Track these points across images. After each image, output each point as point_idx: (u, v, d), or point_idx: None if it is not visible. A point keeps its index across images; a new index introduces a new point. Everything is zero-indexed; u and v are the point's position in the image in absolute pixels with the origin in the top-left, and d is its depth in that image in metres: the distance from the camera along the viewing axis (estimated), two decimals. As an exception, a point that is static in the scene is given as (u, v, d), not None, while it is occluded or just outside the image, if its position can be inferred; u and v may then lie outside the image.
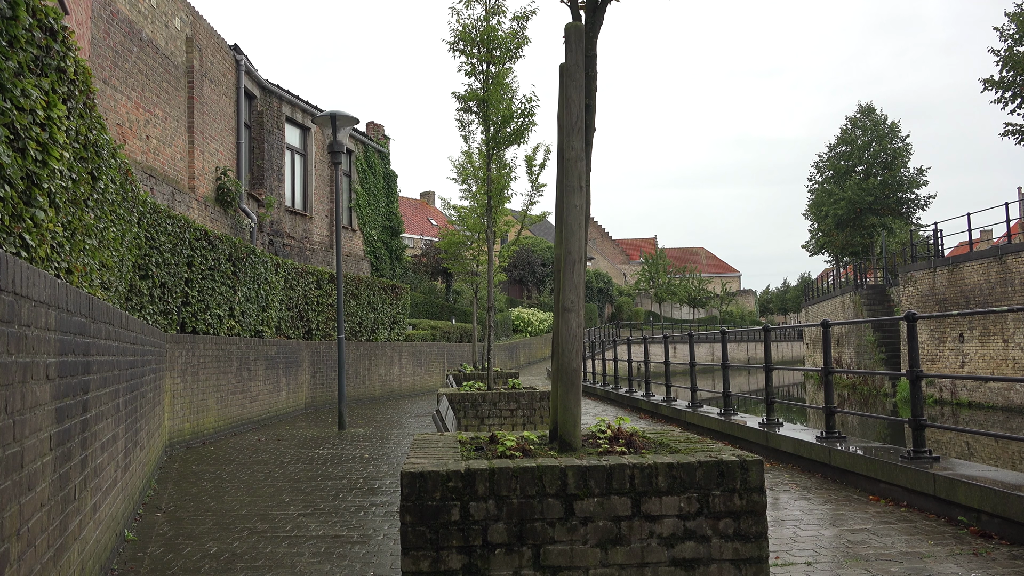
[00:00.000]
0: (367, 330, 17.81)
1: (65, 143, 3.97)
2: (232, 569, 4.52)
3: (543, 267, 43.77)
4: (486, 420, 9.95)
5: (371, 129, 25.79)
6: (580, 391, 3.82)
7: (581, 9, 4.65)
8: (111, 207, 5.90)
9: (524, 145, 10.75)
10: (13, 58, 3.18)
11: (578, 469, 3.25)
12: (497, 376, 13.90)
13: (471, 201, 14.08)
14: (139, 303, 8.15)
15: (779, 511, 5.93)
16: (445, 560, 3.17)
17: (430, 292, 33.33)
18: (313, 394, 15.40)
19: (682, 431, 4.48)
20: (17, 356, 2.57)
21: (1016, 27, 26.07)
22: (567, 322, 3.81)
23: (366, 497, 6.46)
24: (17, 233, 3.22)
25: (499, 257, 17.82)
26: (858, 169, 42.64)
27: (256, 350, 12.19)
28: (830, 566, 4.45)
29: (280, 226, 18.89)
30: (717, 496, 3.29)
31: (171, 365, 9.02)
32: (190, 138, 14.28)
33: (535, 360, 36.86)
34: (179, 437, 9.37)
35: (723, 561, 3.27)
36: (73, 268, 4.35)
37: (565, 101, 3.87)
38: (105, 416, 4.38)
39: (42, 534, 2.89)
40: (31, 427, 2.75)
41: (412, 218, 47.51)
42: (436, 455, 3.58)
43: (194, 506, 6.25)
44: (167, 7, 13.51)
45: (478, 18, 9.94)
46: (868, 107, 43.00)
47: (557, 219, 3.92)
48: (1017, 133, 26.96)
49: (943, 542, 4.89)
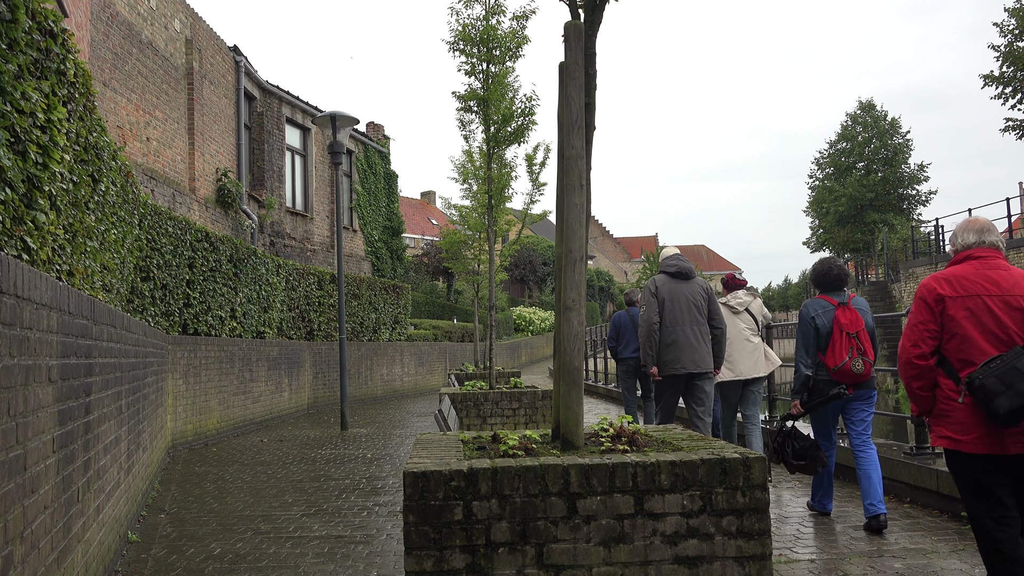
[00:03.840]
0: (369, 330, 17.82)
1: (66, 146, 3.98)
2: (236, 570, 4.52)
3: (544, 266, 43.77)
4: (488, 419, 9.95)
5: (371, 129, 25.79)
6: (582, 390, 3.82)
7: (580, 8, 4.65)
8: (112, 209, 5.90)
9: (525, 144, 10.71)
10: (13, 61, 3.18)
11: (581, 468, 3.25)
12: (499, 375, 13.90)
13: (472, 200, 14.08)
14: (141, 305, 8.15)
15: (782, 508, 5.93)
16: (448, 559, 3.17)
17: (431, 292, 33.34)
18: (315, 395, 15.41)
19: (684, 429, 4.48)
20: (19, 359, 2.57)
21: (1016, 22, 26.04)
22: (569, 321, 3.81)
23: (369, 497, 6.47)
24: (18, 236, 3.23)
25: (500, 256, 17.82)
26: (859, 165, 42.61)
27: (258, 351, 12.20)
28: (834, 563, 4.45)
29: (281, 227, 18.90)
30: (720, 494, 3.29)
31: (173, 367, 9.03)
32: (190, 140, 14.28)
33: (537, 359, 36.87)
34: (182, 438, 9.37)
35: (726, 559, 3.27)
36: (74, 270, 4.35)
37: (565, 100, 3.87)
38: (108, 418, 4.39)
39: (46, 536, 2.89)
40: (34, 429, 2.75)
41: (413, 218, 47.52)
42: (439, 455, 3.58)
43: (197, 507, 6.26)
44: (166, 9, 13.52)
45: (478, 18, 9.93)
46: (868, 103, 42.97)
47: (558, 218, 3.92)
48: (1018, 129, 26.93)
49: (946, 538, 4.89)
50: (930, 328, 3.38)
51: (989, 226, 3.49)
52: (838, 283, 5.36)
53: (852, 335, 5.11)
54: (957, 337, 3.32)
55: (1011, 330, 3.25)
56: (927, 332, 3.38)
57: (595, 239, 79.77)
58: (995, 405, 3.10)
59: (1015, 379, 3.08)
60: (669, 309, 6.14)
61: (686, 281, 6.25)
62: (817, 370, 5.25)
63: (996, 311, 3.28)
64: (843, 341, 5.11)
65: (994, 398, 3.10)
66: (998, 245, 3.45)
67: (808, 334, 5.27)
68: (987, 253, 3.42)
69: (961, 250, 3.50)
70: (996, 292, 3.30)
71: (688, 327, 6.08)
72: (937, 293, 3.37)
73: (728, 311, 6.74)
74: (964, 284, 3.35)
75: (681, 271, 6.27)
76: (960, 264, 3.45)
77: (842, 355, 5.09)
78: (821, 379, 5.23)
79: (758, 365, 6.66)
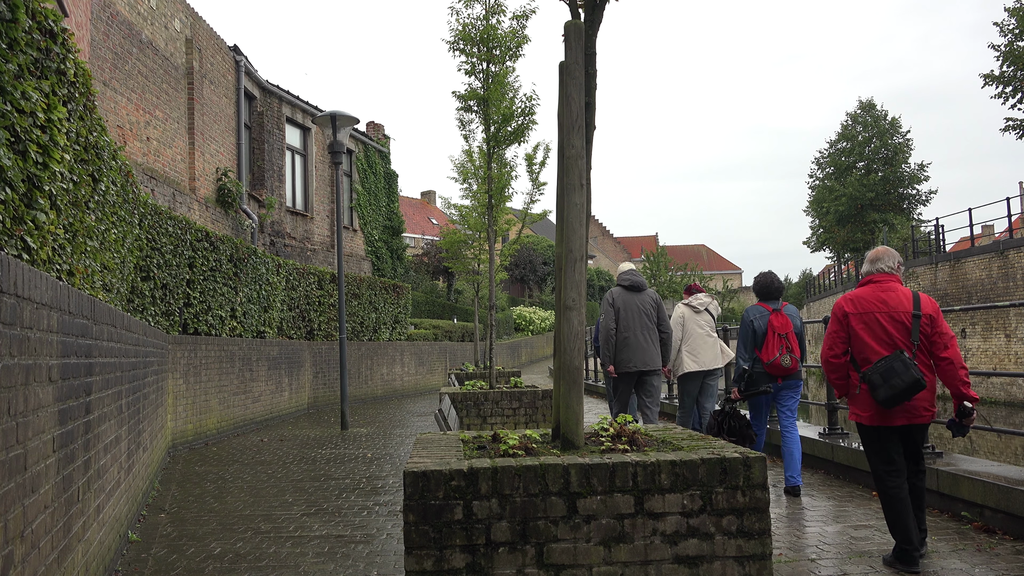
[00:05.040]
0: (369, 330, 17.82)
1: (66, 145, 3.98)
2: (236, 569, 4.52)
3: (544, 265, 43.76)
4: (488, 419, 9.95)
5: (371, 129, 25.79)
6: (582, 389, 3.82)
7: (580, 7, 4.65)
8: (112, 209, 5.91)
9: (525, 144, 10.70)
10: (13, 61, 3.18)
11: (581, 467, 3.25)
12: (499, 375, 13.90)
13: (472, 200, 14.07)
14: (141, 304, 8.15)
15: (782, 508, 5.93)
16: (448, 559, 3.17)
17: (431, 291, 33.34)
18: (315, 394, 15.42)
19: (684, 428, 4.49)
20: (20, 358, 2.57)
21: (1016, 22, 26.04)
22: (569, 320, 3.81)
23: (369, 497, 6.47)
24: (19, 235, 3.23)
25: (500, 256, 17.82)
26: (859, 165, 42.62)
27: (258, 351, 12.20)
28: (834, 562, 4.45)
29: (281, 226, 18.90)
30: (720, 493, 3.29)
31: (173, 366, 9.03)
32: (190, 139, 14.28)
33: (537, 359, 36.87)
34: (182, 438, 9.38)
35: (726, 558, 3.27)
36: (75, 270, 4.35)
37: (565, 99, 3.87)
38: (108, 418, 4.39)
39: (46, 536, 2.89)
40: (34, 429, 2.75)
41: (413, 217, 47.51)
42: (439, 454, 3.58)
43: (197, 507, 6.26)
44: (166, 8, 13.52)
45: (478, 17, 9.93)
46: (868, 103, 42.98)
47: (558, 217, 3.92)
48: (1018, 128, 26.92)
49: (946, 538, 4.89)
50: (840, 336, 4.51)
51: (881, 255, 4.55)
52: (776, 293, 6.47)
53: (782, 336, 6.18)
54: (858, 342, 4.42)
55: (895, 337, 4.33)
56: (838, 339, 4.52)
57: (595, 239, 79.78)
58: (876, 394, 4.24)
59: (891, 376, 4.19)
60: (623, 317, 7.16)
61: (638, 293, 7.30)
62: (754, 364, 6.27)
63: (884, 323, 4.36)
64: (775, 340, 6.18)
65: (876, 389, 4.24)
66: (889, 269, 4.48)
67: (747, 334, 6.29)
68: (882, 278, 4.47)
69: (864, 276, 4.58)
70: (885, 309, 4.38)
71: (639, 332, 7.14)
72: (844, 310, 4.50)
73: (691, 311, 7.80)
74: (862, 303, 4.45)
75: (634, 284, 7.31)
76: (863, 287, 4.53)
77: (773, 352, 6.16)
78: (757, 371, 6.25)
79: (717, 357, 7.67)
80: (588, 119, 4.33)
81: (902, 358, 4.21)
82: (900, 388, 4.17)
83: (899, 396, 4.19)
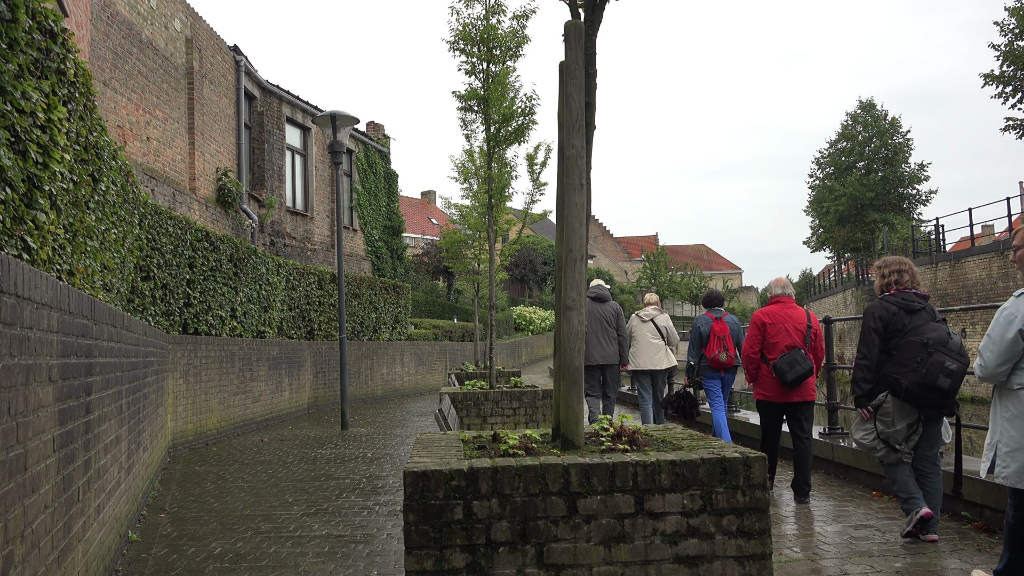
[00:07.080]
0: (369, 330, 17.82)
1: (66, 145, 3.98)
2: (236, 569, 4.52)
3: (544, 265, 43.76)
4: (488, 419, 9.94)
5: (371, 129, 25.79)
6: (582, 389, 3.81)
7: (580, 7, 4.64)
8: (112, 209, 5.91)
9: (525, 144, 10.68)
10: (13, 61, 3.18)
11: (581, 467, 3.25)
12: (499, 375, 13.90)
13: (472, 200, 14.05)
14: (141, 304, 8.15)
15: (782, 508, 5.94)
16: (449, 559, 3.17)
17: (432, 291, 33.33)
18: (315, 394, 15.42)
19: (684, 428, 4.48)
20: (20, 358, 2.57)
21: (1016, 22, 26.03)
22: (569, 320, 3.81)
23: (369, 497, 6.47)
24: (19, 235, 3.23)
25: (500, 256, 17.82)
26: (859, 165, 42.60)
27: (258, 351, 12.20)
28: (834, 562, 4.45)
29: (281, 226, 18.90)
30: (720, 493, 3.29)
31: (173, 366, 9.03)
32: (190, 139, 14.28)
33: (537, 358, 36.87)
34: (182, 438, 9.38)
35: (727, 558, 3.27)
36: (75, 270, 4.35)
37: (565, 99, 3.86)
38: (108, 418, 4.39)
39: (46, 536, 2.89)
40: (34, 429, 2.75)
41: (413, 217, 47.51)
42: (439, 454, 3.58)
43: (197, 507, 6.26)
44: (166, 8, 13.51)
45: (478, 17, 9.92)
46: (869, 103, 42.96)
47: (558, 217, 3.92)
48: (1018, 128, 26.91)
49: (946, 537, 4.89)
50: (757, 338, 6.33)
51: (784, 284, 6.58)
52: (718, 303, 8.58)
53: (720, 337, 8.07)
54: (771, 343, 6.26)
55: (796, 340, 6.23)
56: (756, 340, 6.33)
57: (595, 238, 79.76)
58: (784, 376, 6.09)
59: (794, 364, 6.07)
60: (587, 323, 8.50)
61: (601, 303, 9.17)
62: (700, 359, 8.21)
63: (789, 330, 6.25)
64: (715, 341, 8.08)
65: (784, 374, 6.09)
66: (789, 294, 6.47)
67: (696, 337, 8.27)
68: (786, 300, 6.46)
69: (773, 296, 6.56)
70: (790, 321, 6.29)
71: (599, 334, 9.05)
72: (762, 320, 6.36)
73: (639, 320, 9.57)
74: (775, 316, 6.35)
75: (598, 296, 9.22)
76: (774, 304, 6.46)
77: (713, 349, 8.07)
78: (703, 365, 8.23)
79: (655, 360, 9.40)
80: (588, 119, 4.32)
81: (800, 353, 6.15)
82: (800, 373, 6.06)
83: (799, 379, 6.07)
